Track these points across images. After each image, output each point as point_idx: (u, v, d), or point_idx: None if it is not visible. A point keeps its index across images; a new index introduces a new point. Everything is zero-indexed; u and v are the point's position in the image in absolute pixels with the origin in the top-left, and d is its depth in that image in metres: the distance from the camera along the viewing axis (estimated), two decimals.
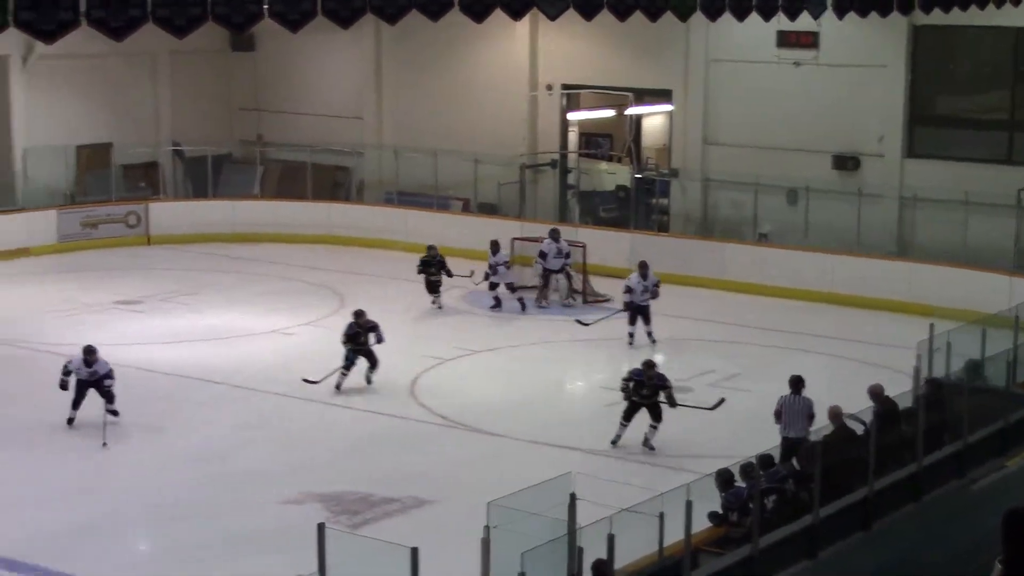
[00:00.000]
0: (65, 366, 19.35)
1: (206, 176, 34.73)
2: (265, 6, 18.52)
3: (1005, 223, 27.44)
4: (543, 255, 27.25)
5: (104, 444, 18.64)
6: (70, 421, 19.32)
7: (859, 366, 22.85)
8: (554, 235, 27.39)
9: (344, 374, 21.08)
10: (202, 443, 19.24)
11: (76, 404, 19.39)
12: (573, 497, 11.75)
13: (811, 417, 16.90)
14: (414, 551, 10.38)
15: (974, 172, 28.34)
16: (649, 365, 18.59)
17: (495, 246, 27.05)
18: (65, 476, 17.93)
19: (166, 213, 33.71)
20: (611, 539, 11.48)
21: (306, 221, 33.59)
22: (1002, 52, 29.28)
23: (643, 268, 24.41)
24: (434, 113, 34.65)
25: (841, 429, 15.64)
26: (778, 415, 17.13)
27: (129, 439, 18.77)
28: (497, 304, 26.90)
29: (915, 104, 29.49)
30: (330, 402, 20.83)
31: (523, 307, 26.83)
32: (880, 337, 24.73)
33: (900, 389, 16.58)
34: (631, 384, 18.56)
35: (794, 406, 17.06)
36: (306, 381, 20.99)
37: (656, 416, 18.49)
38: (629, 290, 24.19)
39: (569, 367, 24.08)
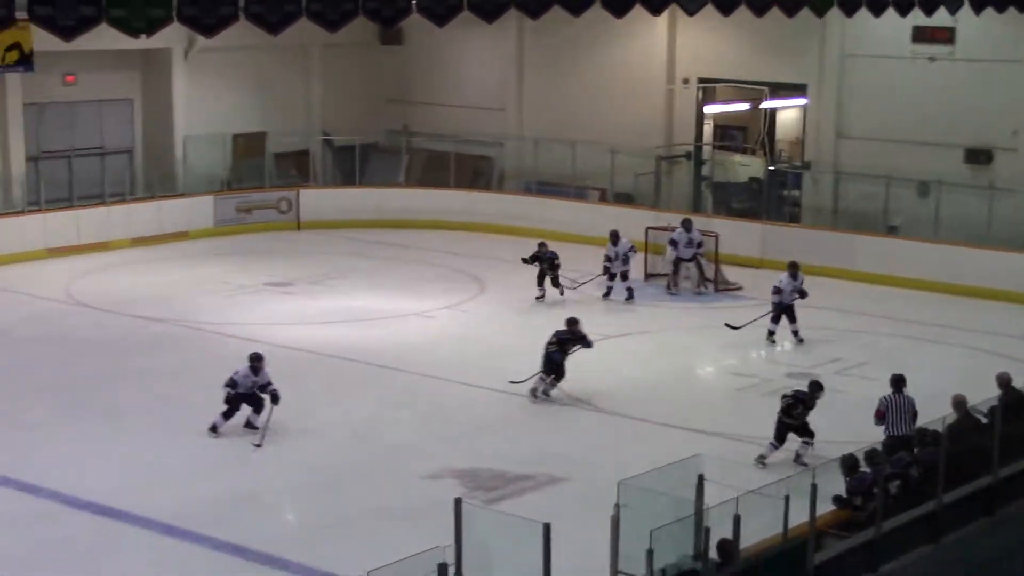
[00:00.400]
0: (231, 378, 18.79)
1: (354, 164, 35.42)
2: (414, 1, 19.21)
3: None
4: (674, 243, 27.56)
5: (258, 445, 18.45)
6: (214, 429, 18.76)
7: (986, 357, 22.68)
8: (686, 225, 27.68)
9: (543, 378, 20.62)
10: (346, 420, 19.71)
11: (229, 415, 18.77)
12: (701, 478, 12.08)
13: (915, 415, 16.61)
14: (546, 526, 10.83)
15: None
16: (818, 387, 17.93)
17: (614, 236, 27.02)
18: (218, 449, 18.43)
19: (316, 200, 34.50)
20: (737, 520, 11.79)
21: (448, 208, 34.16)
22: None
23: (793, 268, 24.02)
24: (573, 105, 34.99)
25: (965, 417, 15.73)
26: (880, 416, 16.73)
27: (279, 415, 18.95)
28: (608, 293, 27.05)
29: None
30: (468, 383, 21.29)
31: (630, 296, 26.81)
32: (1008, 329, 24.73)
33: None
34: (789, 404, 17.85)
35: (899, 405, 16.74)
36: (512, 383, 20.79)
37: (808, 433, 17.87)
38: (778, 291, 23.75)
39: (700, 353, 24.16)
